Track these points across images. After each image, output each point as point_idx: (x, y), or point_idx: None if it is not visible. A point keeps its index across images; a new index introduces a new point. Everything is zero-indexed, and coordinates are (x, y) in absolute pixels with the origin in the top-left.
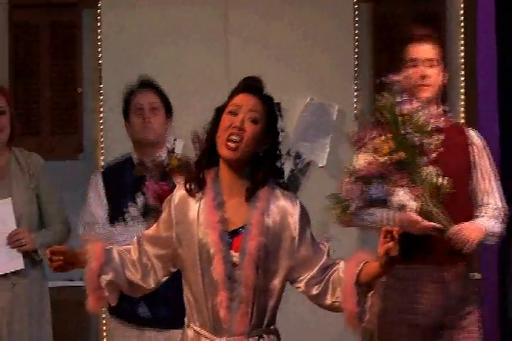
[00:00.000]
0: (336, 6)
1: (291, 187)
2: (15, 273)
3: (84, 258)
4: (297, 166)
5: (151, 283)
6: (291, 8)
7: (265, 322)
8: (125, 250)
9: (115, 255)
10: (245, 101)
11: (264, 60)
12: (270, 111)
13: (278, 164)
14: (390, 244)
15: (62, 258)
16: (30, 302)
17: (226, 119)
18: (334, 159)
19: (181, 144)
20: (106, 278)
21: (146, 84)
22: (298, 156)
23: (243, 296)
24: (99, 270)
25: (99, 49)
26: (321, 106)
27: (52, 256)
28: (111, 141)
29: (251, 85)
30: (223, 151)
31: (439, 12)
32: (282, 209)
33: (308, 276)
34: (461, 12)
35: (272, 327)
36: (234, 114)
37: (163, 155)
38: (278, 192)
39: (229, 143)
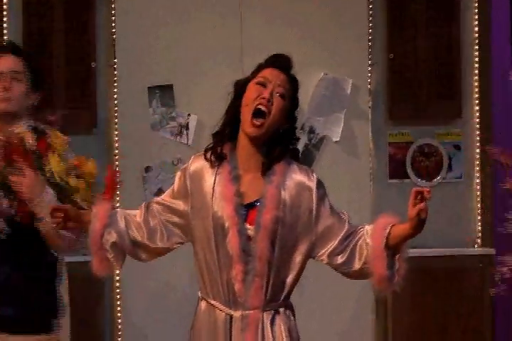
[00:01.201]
0: None
1: (305, 161)
2: None
3: (87, 218)
4: (311, 141)
5: (158, 243)
6: None
7: (282, 296)
8: (131, 214)
9: (119, 217)
10: (275, 76)
11: (278, 36)
12: (295, 92)
13: (294, 146)
14: (422, 204)
15: (63, 215)
16: None
17: (253, 89)
18: (348, 134)
19: (195, 120)
20: (110, 239)
21: (8, 48)
22: (312, 131)
23: (258, 270)
24: (102, 230)
25: (113, 24)
26: (335, 80)
27: (53, 213)
28: (124, 116)
29: (281, 62)
30: (247, 127)
31: None
32: (298, 182)
33: (331, 248)
34: None
35: (288, 301)
36: (262, 85)
37: (18, 129)
38: (294, 166)
39: (254, 120)
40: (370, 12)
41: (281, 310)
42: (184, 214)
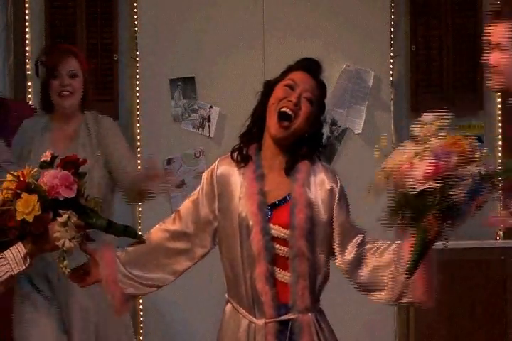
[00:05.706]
0: None
1: (327, 154)
2: None
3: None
4: (333, 133)
5: (181, 246)
6: None
7: (318, 296)
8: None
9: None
10: (304, 80)
11: (300, 28)
12: (322, 97)
13: (319, 151)
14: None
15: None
16: None
17: (281, 90)
18: (370, 126)
19: (217, 112)
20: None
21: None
22: (334, 123)
23: (300, 271)
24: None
25: (135, 16)
26: (357, 72)
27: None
28: (146, 108)
29: (311, 66)
30: (272, 128)
31: None
32: (322, 181)
33: (346, 254)
34: None
35: (318, 304)
36: (290, 87)
37: None
38: (318, 164)
39: (280, 122)
40: (392, 4)
41: (320, 309)
42: (213, 215)
